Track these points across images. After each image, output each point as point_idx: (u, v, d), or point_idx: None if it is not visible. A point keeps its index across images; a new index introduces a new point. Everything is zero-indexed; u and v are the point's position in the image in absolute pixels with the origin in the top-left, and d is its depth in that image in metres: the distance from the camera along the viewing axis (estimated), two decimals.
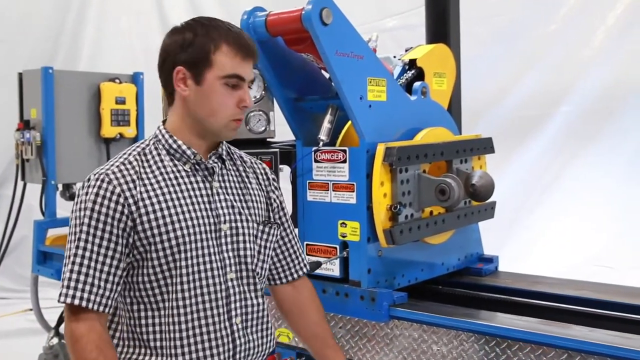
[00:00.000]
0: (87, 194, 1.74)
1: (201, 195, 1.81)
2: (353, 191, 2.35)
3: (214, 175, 1.85)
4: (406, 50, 2.91)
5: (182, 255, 1.75)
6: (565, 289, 2.56)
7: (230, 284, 1.82)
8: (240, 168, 1.94)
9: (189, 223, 1.77)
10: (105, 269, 1.72)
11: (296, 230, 2.16)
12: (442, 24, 3.37)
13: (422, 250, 2.57)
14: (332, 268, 2.41)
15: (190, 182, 1.81)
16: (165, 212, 1.75)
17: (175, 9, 7.29)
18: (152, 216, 1.74)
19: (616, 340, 1.91)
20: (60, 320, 4.30)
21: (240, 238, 1.86)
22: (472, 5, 3.66)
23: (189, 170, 1.81)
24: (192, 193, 1.80)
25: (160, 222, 1.74)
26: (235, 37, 1.78)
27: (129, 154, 1.81)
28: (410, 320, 2.28)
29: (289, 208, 2.56)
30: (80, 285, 1.69)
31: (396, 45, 4.06)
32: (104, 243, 1.71)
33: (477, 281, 2.77)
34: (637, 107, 5.49)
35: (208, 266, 1.79)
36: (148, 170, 1.79)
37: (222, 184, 1.87)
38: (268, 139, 2.63)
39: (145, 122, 4.57)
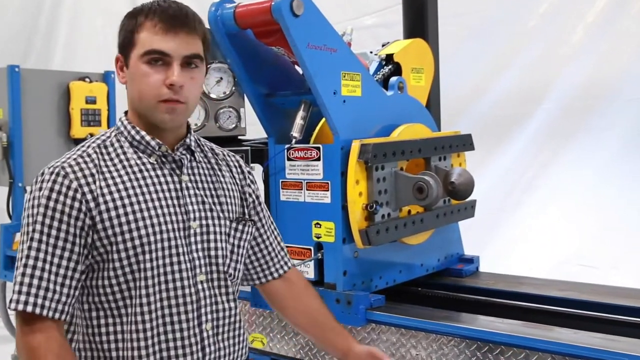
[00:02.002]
0: (40, 189, 1.60)
1: (168, 190, 1.67)
2: (327, 190, 2.26)
3: (182, 168, 1.71)
4: (383, 45, 2.83)
5: (147, 256, 1.61)
6: (548, 290, 2.49)
7: (200, 286, 1.67)
8: (212, 160, 1.80)
9: (155, 220, 1.63)
10: (62, 271, 1.57)
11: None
12: (419, 19, 3.30)
13: (400, 251, 2.49)
14: (306, 270, 2.33)
15: (157, 176, 1.67)
16: (128, 209, 1.61)
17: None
18: (113, 213, 1.59)
19: (601, 343, 1.84)
20: None
21: (212, 237, 1.72)
22: (449, 2, 3.59)
23: (155, 163, 1.67)
24: (158, 188, 1.66)
25: (123, 219, 1.60)
26: (158, 11, 1.63)
27: (88, 147, 1.67)
28: (388, 324, 2.20)
29: None
30: (33, 290, 1.54)
31: (375, 42, 3.98)
32: (60, 243, 1.57)
33: (457, 282, 2.70)
34: (616, 104, 5.47)
35: (176, 267, 1.64)
36: (109, 163, 1.65)
37: (192, 178, 1.72)
38: (239, 137, 2.53)
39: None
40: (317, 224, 2.29)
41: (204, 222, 1.71)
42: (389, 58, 2.70)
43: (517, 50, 5.72)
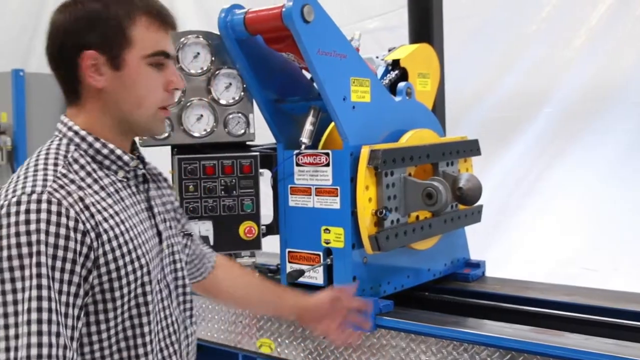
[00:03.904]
0: (26, 222, 1.23)
1: (142, 211, 1.49)
2: (337, 196, 2.27)
3: (148, 183, 1.54)
4: (389, 51, 2.83)
5: (147, 287, 1.42)
6: (555, 295, 2.49)
7: (176, 313, 1.54)
8: (154, 171, 1.63)
9: (146, 247, 1.43)
10: (70, 322, 1.26)
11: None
12: (425, 23, 3.31)
13: (408, 256, 2.49)
14: (315, 276, 2.33)
15: (129, 196, 1.47)
16: (126, 237, 1.38)
17: None
18: (114, 244, 1.35)
19: (613, 349, 1.84)
20: None
21: (176, 257, 1.58)
22: (451, 5, 3.60)
23: (123, 180, 1.47)
24: (136, 209, 1.47)
25: (124, 250, 1.37)
26: (153, 5, 1.46)
27: (54, 164, 1.36)
28: (397, 330, 2.19)
29: (269, 214, 2.49)
30: (54, 351, 1.20)
31: (378, 46, 3.98)
32: (65, 288, 1.25)
33: (464, 287, 2.69)
34: (619, 107, 5.48)
35: (160, 296, 1.49)
36: (84, 184, 1.37)
37: (152, 193, 1.56)
38: (247, 142, 2.53)
39: None
40: (327, 229, 2.29)
41: (169, 241, 1.57)
42: (395, 63, 2.71)
43: (519, 53, 5.73)
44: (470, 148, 2.69)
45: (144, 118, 1.47)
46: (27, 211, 1.25)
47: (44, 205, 1.26)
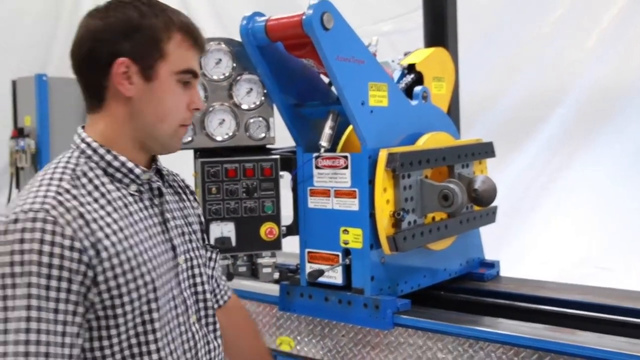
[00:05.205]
0: (21, 241, 1.23)
1: (154, 225, 1.47)
2: (355, 198, 2.33)
3: (163, 197, 1.52)
4: (405, 55, 2.89)
5: (154, 305, 1.39)
6: (569, 294, 2.53)
7: (194, 329, 1.53)
8: (174, 184, 1.63)
9: (154, 263, 1.41)
10: (67, 341, 1.26)
11: None
12: (440, 27, 3.35)
13: (424, 256, 2.55)
14: (334, 276, 2.38)
15: (140, 210, 1.45)
16: (130, 254, 1.36)
17: None
18: (115, 261, 1.33)
19: (627, 347, 1.89)
20: None
21: (196, 271, 1.57)
22: (464, 6, 3.64)
23: (135, 193, 1.45)
24: (146, 224, 1.44)
25: (126, 267, 1.35)
26: (188, 24, 1.47)
27: (59, 179, 1.36)
28: (414, 328, 2.25)
29: (290, 215, 2.55)
30: None
31: (392, 49, 4.03)
32: (61, 307, 1.25)
33: (479, 287, 2.75)
34: (631, 108, 5.50)
35: (174, 313, 1.47)
36: (89, 199, 1.35)
37: (168, 207, 1.54)
38: (268, 146, 2.59)
39: None
40: (345, 230, 2.35)
41: (187, 255, 1.56)
42: (411, 67, 2.76)
43: (532, 55, 5.76)
44: (485, 150, 2.74)
45: (164, 133, 1.46)
46: (22, 230, 1.25)
47: (38, 225, 1.25)
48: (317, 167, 2.41)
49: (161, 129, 1.45)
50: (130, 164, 1.45)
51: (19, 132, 4.19)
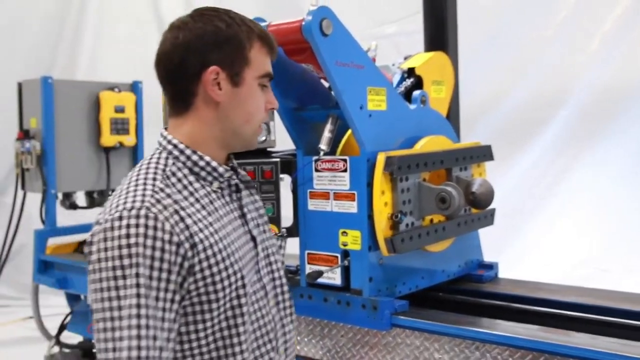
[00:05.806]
0: (127, 236, 1.37)
1: (235, 219, 1.59)
2: (354, 200, 2.36)
3: (241, 192, 1.64)
4: (405, 58, 2.92)
5: (241, 291, 1.51)
6: (566, 296, 2.56)
7: (272, 313, 1.64)
8: (245, 178, 1.75)
9: (240, 254, 1.53)
10: (166, 325, 1.39)
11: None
12: (440, 31, 3.37)
13: (422, 258, 2.58)
14: (333, 277, 2.42)
15: (223, 205, 1.56)
16: (221, 246, 1.48)
17: (175, 16, 7.27)
18: (209, 252, 1.45)
19: (619, 348, 1.92)
20: (61, 329, 4.30)
21: (272, 259, 1.69)
22: (466, 8, 3.67)
23: (218, 190, 1.57)
24: (230, 217, 1.56)
25: (219, 257, 1.46)
26: (265, 32, 1.59)
27: (153, 179, 1.48)
28: (412, 329, 2.28)
29: (289, 217, 2.59)
30: (152, 353, 1.35)
31: (395, 51, 4.08)
32: (162, 295, 1.38)
33: (477, 288, 2.77)
34: (634, 110, 5.52)
35: (255, 297, 1.58)
36: (180, 197, 1.48)
37: (244, 200, 1.66)
38: (268, 149, 2.63)
39: (144, 131, 4.60)
40: (344, 232, 2.39)
41: (264, 245, 1.68)
42: (410, 71, 2.79)
43: (535, 57, 5.80)
44: (483, 153, 2.77)
45: (249, 132, 1.59)
46: (128, 226, 1.38)
47: (142, 220, 1.38)
48: (316, 170, 2.45)
49: (247, 129, 1.58)
50: (214, 163, 1.56)
51: (24, 134, 4.23)
